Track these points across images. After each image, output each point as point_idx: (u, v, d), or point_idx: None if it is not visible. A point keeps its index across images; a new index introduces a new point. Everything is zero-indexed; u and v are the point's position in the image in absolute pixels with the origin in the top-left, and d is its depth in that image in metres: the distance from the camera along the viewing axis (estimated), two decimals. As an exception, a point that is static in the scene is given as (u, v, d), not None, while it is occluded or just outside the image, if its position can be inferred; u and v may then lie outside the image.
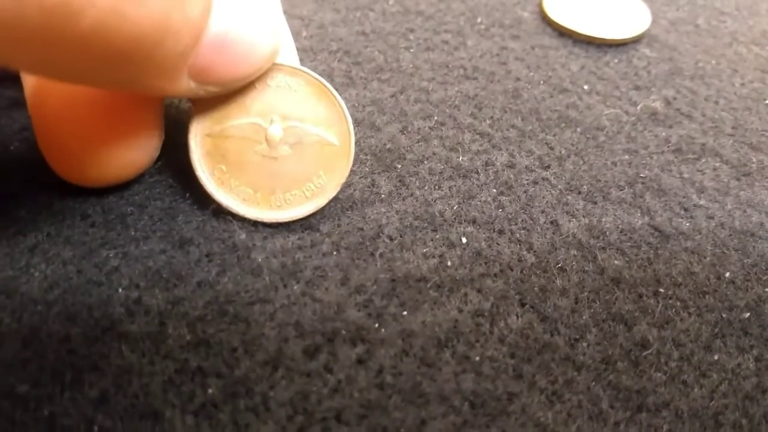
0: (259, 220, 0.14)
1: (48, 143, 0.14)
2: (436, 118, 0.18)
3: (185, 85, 0.12)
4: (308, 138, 0.14)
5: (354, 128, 0.14)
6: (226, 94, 0.13)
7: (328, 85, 0.14)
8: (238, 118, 0.14)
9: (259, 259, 0.14)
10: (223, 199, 0.14)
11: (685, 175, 0.17)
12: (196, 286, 0.13)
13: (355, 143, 0.15)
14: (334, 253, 0.14)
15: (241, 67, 0.12)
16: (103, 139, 0.13)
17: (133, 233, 0.14)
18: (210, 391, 0.12)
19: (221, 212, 0.15)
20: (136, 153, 0.14)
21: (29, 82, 0.14)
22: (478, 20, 0.23)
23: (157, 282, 0.13)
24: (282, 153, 0.14)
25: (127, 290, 0.13)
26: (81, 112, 0.13)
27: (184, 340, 0.12)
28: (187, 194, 0.15)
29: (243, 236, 0.14)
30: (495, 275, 0.14)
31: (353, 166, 0.15)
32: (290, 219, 0.14)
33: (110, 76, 0.11)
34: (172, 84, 0.12)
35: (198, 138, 0.14)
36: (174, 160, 0.16)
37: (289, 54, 0.15)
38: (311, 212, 0.14)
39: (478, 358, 0.13)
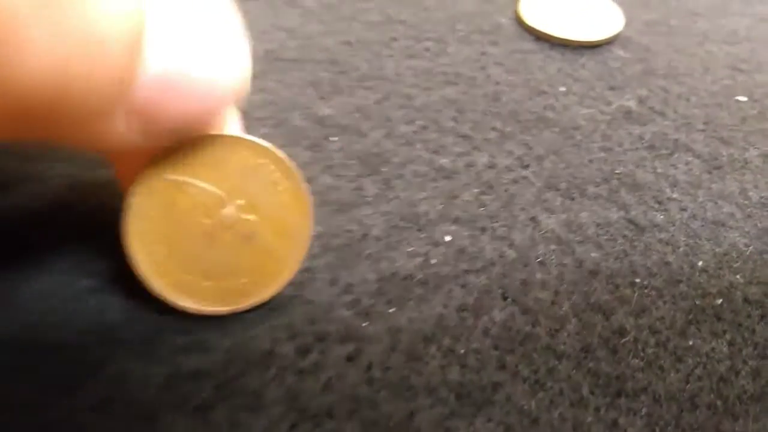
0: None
1: None
2: (419, 122, 0.19)
3: (122, 134, 0.10)
4: (258, 240, 0.13)
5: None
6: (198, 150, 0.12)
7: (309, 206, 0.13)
8: (204, 181, 0.12)
9: (250, 264, 0.14)
10: None
11: (659, 170, 0.18)
12: (189, 291, 0.14)
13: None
14: (323, 255, 0.15)
15: (190, 106, 0.11)
16: None
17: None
18: (204, 393, 0.12)
19: None
20: None
21: None
22: (458, 28, 0.23)
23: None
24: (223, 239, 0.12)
25: (123, 298, 0.13)
26: None
27: (179, 345, 0.13)
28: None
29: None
30: (478, 271, 0.15)
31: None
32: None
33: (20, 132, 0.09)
34: (104, 135, 0.10)
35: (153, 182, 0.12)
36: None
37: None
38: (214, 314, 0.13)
39: (463, 351, 0.13)
